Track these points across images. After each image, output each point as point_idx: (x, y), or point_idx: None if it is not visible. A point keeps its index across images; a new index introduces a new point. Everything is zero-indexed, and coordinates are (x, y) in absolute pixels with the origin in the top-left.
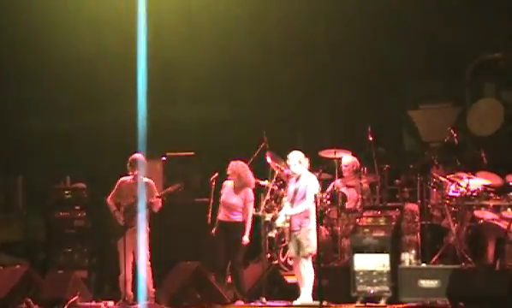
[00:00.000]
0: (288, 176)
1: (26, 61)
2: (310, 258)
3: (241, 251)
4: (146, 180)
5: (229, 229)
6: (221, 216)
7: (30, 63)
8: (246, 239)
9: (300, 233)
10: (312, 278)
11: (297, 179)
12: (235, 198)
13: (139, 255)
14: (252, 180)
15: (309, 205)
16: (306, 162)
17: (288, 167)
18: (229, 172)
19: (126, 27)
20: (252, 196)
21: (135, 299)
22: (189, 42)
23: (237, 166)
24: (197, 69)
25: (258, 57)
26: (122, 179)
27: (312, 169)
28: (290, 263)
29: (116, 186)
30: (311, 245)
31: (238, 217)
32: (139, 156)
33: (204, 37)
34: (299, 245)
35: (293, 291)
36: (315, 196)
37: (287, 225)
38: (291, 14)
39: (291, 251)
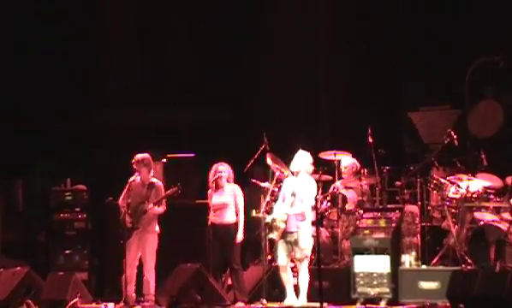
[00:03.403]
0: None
1: None
2: (306, 261)
3: (238, 251)
4: (154, 180)
5: (222, 231)
6: (213, 218)
7: None
8: (240, 236)
9: (298, 235)
10: (308, 280)
11: (296, 180)
12: (226, 196)
13: (145, 258)
14: None
15: (307, 208)
16: (310, 168)
17: (287, 168)
18: (224, 173)
19: None
20: (240, 190)
21: (136, 301)
22: None
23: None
24: None
25: None
26: (132, 179)
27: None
28: (291, 264)
29: (127, 187)
30: (308, 247)
31: (230, 218)
32: (146, 155)
33: None
34: (294, 246)
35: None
36: (316, 200)
37: (283, 226)
38: None
39: (280, 256)
